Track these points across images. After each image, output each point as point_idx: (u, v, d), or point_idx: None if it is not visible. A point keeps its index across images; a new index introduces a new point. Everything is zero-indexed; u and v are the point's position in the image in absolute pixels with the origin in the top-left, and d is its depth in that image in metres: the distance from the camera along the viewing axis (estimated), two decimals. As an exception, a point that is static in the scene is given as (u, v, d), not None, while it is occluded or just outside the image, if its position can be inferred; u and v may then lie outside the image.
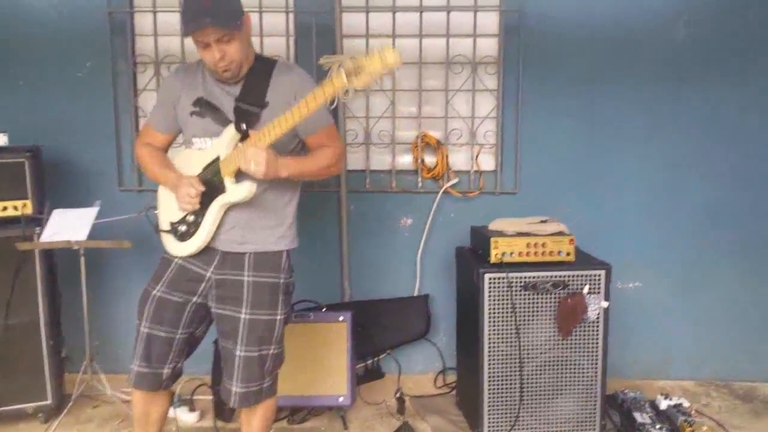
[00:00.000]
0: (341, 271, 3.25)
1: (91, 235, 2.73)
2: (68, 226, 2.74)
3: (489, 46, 3.19)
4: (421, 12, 3.14)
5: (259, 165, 1.92)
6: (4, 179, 2.74)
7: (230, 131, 2.05)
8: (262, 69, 2.11)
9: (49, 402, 2.83)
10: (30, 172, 2.77)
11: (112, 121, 3.20)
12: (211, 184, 2.07)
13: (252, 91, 2.08)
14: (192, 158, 2.14)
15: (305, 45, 3.14)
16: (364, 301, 3.23)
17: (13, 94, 3.18)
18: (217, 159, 2.07)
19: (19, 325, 2.75)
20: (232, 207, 2.09)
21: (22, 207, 2.76)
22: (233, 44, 1.98)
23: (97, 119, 3.21)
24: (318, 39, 3.10)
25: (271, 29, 3.18)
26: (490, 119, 3.23)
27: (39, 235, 2.72)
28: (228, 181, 2.05)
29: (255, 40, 3.11)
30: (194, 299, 2.13)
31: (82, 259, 2.76)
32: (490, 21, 3.19)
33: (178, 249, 2.15)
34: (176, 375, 2.19)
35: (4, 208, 2.74)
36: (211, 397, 2.91)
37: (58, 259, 2.92)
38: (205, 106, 2.10)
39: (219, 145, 2.07)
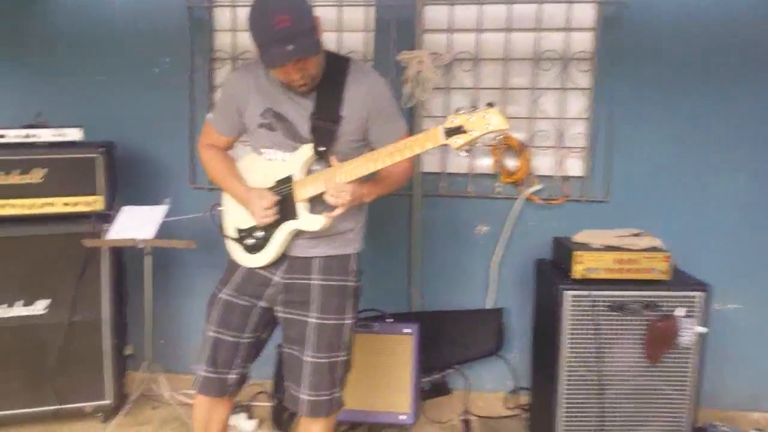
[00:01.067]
0: (409, 279, 3.09)
1: (160, 233, 2.70)
2: (136, 223, 2.72)
3: (583, 41, 2.94)
4: (510, 4, 2.94)
5: (344, 200, 1.85)
6: (77, 174, 2.74)
7: (307, 152, 1.94)
8: (335, 75, 1.96)
9: (108, 402, 2.82)
10: (102, 167, 2.77)
11: (186, 118, 3.18)
12: (283, 203, 1.97)
13: (326, 104, 1.94)
14: (261, 167, 2.03)
15: (383, 40, 3.01)
16: (432, 312, 3.05)
17: (90, 90, 3.21)
18: (290, 178, 1.96)
19: (83, 323, 2.75)
20: None
21: (93, 203, 2.77)
22: (312, 60, 1.84)
23: (172, 116, 3.18)
24: (397, 33, 2.96)
25: (350, 24, 3.06)
26: (580, 120, 2.98)
27: (107, 231, 2.72)
28: (301, 207, 1.95)
29: (332, 36, 3.02)
30: (260, 303, 2.05)
31: (148, 258, 2.73)
32: (585, 13, 2.94)
33: (244, 259, 2.07)
34: (242, 381, 2.11)
35: (75, 204, 2.75)
36: (269, 404, 2.82)
37: (127, 256, 2.91)
38: (274, 119, 1.98)
39: (293, 163, 1.96)
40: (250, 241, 2.04)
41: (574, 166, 3.01)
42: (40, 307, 2.71)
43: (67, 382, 2.75)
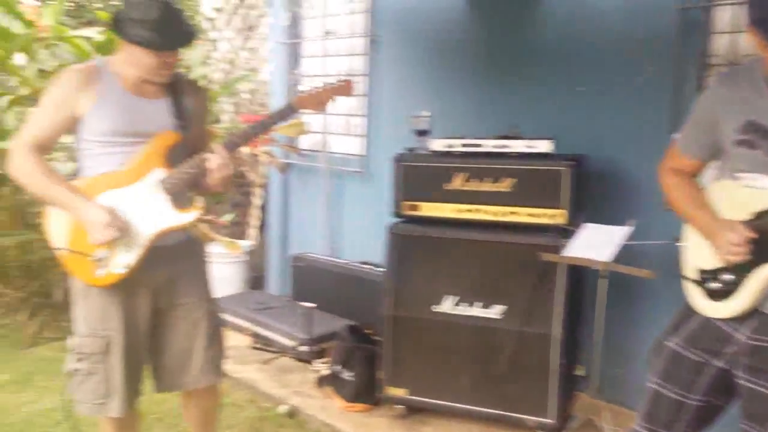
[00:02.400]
0: None
1: (621, 256, 2.47)
2: (595, 242, 2.54)
3: None
4: None
5: None
6: (543, 186, 2.71)
7: None
8: None
9: (551, 421, 2.70)
10: (569, 181, 2.68)
11: (666, 132, 2.83)
12: (760, 241, 1.55)
13: None
14: (737, 195, 1.63)
15: None
16: None
17: (565, 100, 3.16)
18: None
19: (533, 336, 2.71)
20: None
21: (556, 216, 2.70)
22: None
23: (651, 130, 2.89)
24: None
25: None
26: None
27: (565, 247, 2.61)
28: None
29: None
30: (716, 362, 1.67)
31: (603, 281, 2.52)
32: None
33: (704, 306, 1.70)
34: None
35: (539, 215, 2.72)
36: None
37: (584, 275, 2.76)
38: (758, 134, 1.56)
39: None
40: (713, 285, 1.65)
41: None
42: (496, 311, 2.78)
43: (513, 391, 2.75)
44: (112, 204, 2.00)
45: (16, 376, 3.52)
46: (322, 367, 3.37)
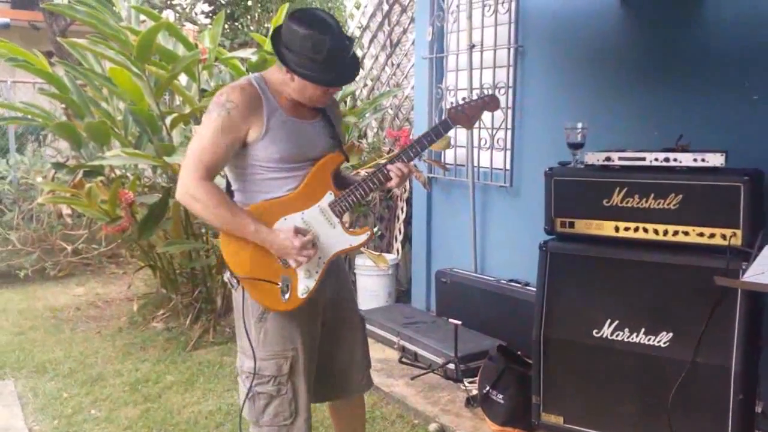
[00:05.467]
0: None
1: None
2: (779, 266, 2.28)
3: None
4: None
5: None
6: (715, 203, 2.48)
7: None
8: None
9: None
10: (745, 198, 2.43)
11: None
12: None
13: None
14: None
15: None
16: None
17: (738, 111, 2.90)
18: None
19: (707, 366, 2.48)
20: None
21: (731, 237, 2.46)
22: None
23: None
24: None
25: None
26: None
27: (744, 271, 2.37)
28: None
29: None
30: None
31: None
32: None
33: None
34: None
35: (711, 235, 2.50)
36: None
37: (765, 302, 2.49)
38: None
39: None
40: None
41: None
42: (662, 338, 2.59)
43: (684, 426, 2.53)
44: (293, 228, 2.02)
45: (181, 378, 3.78)
46: (472, 386, 3.32)
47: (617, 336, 2.66)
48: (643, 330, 2.61)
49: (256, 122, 2.00)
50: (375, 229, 5.08)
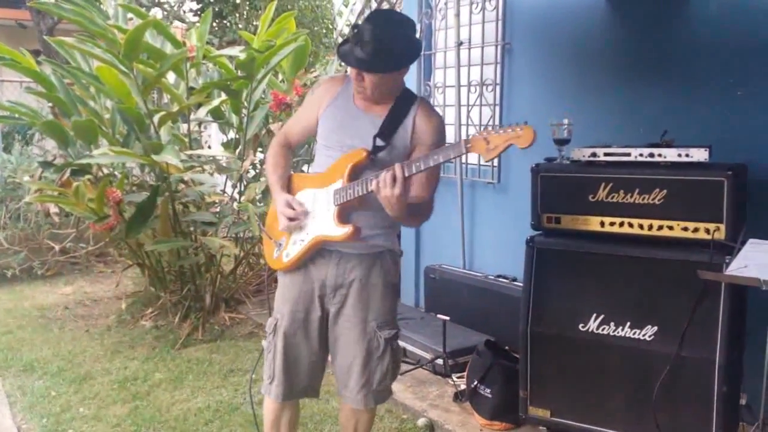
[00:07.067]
0: None
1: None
2: (760, 259, 2.31)
3: None
4: None
5: None
6: (698, 198, 2.51)
7: None
8: None
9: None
10: (728, 192, 2.46)
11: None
12: None
13: None
14: None
15: None
16: None
17: (722, 105, 2.92)
18: None
19: (691, 360, 2.51)
20: None
21: (714, 231, 2.49)
22: None
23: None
24: None
25: None
26: None
27: (727, 265, 2.40)
28: None
29: None
30: None
31: (773, 303, 2.29)
32: None
33: None
34: None
35: (694, 230, 2.53)
36: None
37: (751, 295, 2.52)
38: None
39: None
40: None
41: None
42: (647, 332, 2.62)
43: (670, 419, 2.56)
44: (303, 201, 2.24)
45: (170, 375, 3.78)
46: (460, 381, 3.33)
47: (603, 330, 2.68)
48: (628, 324, 2.64)
49: (324, 103, 2.26)
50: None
